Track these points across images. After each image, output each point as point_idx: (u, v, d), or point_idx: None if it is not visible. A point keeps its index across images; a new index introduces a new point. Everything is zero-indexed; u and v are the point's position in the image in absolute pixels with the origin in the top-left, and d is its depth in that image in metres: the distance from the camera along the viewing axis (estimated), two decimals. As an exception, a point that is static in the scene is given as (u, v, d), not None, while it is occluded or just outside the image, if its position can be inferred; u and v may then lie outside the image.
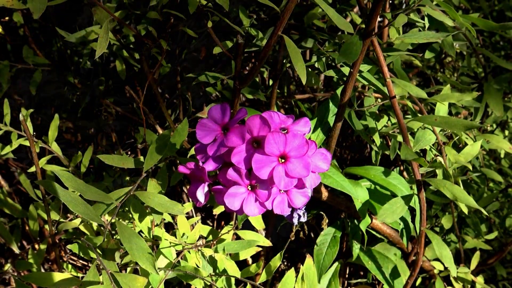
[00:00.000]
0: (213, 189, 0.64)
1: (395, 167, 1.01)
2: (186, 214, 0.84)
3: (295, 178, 0.59)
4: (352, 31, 0.64)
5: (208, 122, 0.62)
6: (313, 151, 0.62)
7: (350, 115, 0.86)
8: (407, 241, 0.87)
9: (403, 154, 0.73)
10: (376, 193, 0.86)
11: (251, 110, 0.80)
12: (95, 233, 0.83)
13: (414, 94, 0.74)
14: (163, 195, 0.68)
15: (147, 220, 0.71)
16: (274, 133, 0.58)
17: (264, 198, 0.61)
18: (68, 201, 0.58)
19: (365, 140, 0.88)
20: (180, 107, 0.93)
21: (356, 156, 1.17)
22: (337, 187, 0.78)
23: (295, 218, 0.67)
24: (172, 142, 0.69)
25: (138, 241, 0.60)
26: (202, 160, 0.63)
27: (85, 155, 0.88)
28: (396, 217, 0.76)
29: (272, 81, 0.92)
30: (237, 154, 0.59)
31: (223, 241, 0.79)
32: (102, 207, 0.64)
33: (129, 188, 0.67)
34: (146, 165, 0.68)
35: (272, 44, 0.66)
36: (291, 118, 0.63)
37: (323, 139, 0.80)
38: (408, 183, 0.87)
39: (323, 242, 0.91)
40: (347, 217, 0.93)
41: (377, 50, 0.70)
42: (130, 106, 1.08)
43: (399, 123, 0.75)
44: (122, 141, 1.12)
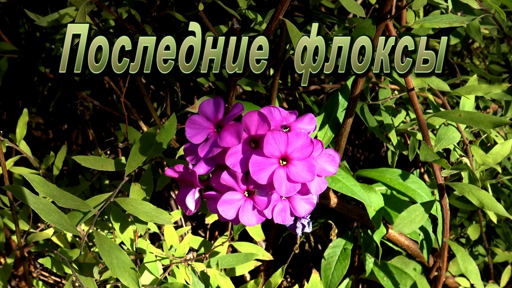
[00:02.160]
0: (205, 195, 0.65)
1: (415, 169, 1.02)
2: (174, 223, 0.85)
3: (298, 182, 0.60)
4: (363, 14, 0.65)
5: (199, 119, 0.63)
6: (319, 152, 0.63)
7: (363, 110, 0.88)
8: (428, 254, 0.89)
9: (423, 155, 0.74)
10: (393, 199, 0.88)
11: (249, 105, 0.81)
12: (69, 246, 0.84)
13: (435, 86, 0.75)
14: (148, 202, 0.70)
15: (129, 231, 0.73)
16: (275, 132, 0.59)
17: (263, 205, 0.62)
18: (39, 209, 0.59)
19: (380, 138, 0.89)
20: (167, 101, 0.94)
21: (370, 157, 1.18)
22: (347, 193, 0.79)
23: (298, 228, 0.69)
24: (158, 141, 0.71)
25: (120, 255, 0.61)
26: (193, 162, 0.64)
27: (58, 156, 0.89)
28: (415, 227, 0.77)
29: (273, 70, 0.93)
30: (233, 155, 0.61)
31: (216, 254, 0.81)
32: (78, 215, 0.66)
33: (109, 194, 0.69)
34: (129, 167, 0.70)
35: (273, 29, 0.67)
36: (294, 114, 0.64)
37: (331, 138, 0.81)
38: (429, 187, 0.88)
39: (332, 255, 0.92)
40: (360, 226, 0.94)
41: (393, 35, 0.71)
42: (109, 99, 1.09)
43: (418, 119, 0.76)
44: (101, 139, 1.13)
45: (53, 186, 0.62)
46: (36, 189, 0.61)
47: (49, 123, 1.17)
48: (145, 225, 0.70)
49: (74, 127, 1.14)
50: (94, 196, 0.69)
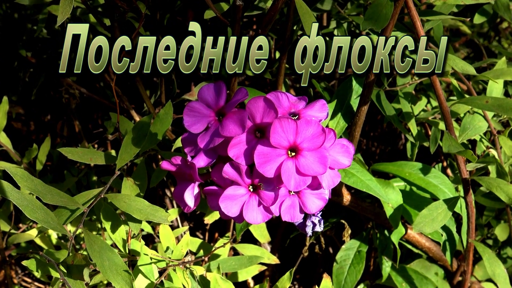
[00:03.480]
0: (205, 190, 0.65)
1: (437, 163, 1.02)
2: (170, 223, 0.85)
3: (309, 176, 0.60)
4: (380, -11, 0.65)
5: (199, 106, 0.64)
6: (331, 141, 0.63)
7: (379, 97, 0.88)
8: (451, 257, 0.89)
9: (446, 146, 0.74)
10: (412, 195, 0.88)
11: (253, 91, 0.81)
12: (54, 248, 0.85)
13: (460, 69, 0.75)
14: (142, 198, 0.70)
15: (121, 231, 0.73)
16: (282, 119, 0.59)
17: (270, 201, 0.62)
18: (23, 205, 0.59)
19: (398, 128, 0.89)
20: (162, 87, 0.94)
21: (387, 150, 1.18)
22: (362, 188, 0.79)
23: (308, 227, 0.69)
24: (152, 132, 0.71)
25: (112, 256, 0.62)
26: (191, 154, 0.64)
27: (41, 149, 0.90)
28: (437, 226, 0.78)
29: (279, 53, 0.93)
30: (236, 146, 0.61)
31: (217, 257, 0.81)
32: (66, 213, 0.66)
33: (99, 189, 0.69)
34: (120, 160, 0.70)
35: (279, 6, 0.67)
36: (303, 101, 0.64)
37: (344, 127, 0.81)
38: (452, 183, 0.88)
39: (345, 258, 0.93)
40: (375, 227, 0.95)
41: (413, 13, 0.71)
42: (98, 86, 1.09)
43: (441, 107, 0.76)
44: (88, 131, 1.14)
45: (38, 181, 0.63)
46: (19, 184, 0.61)
47: (31, 113, 1.17)
48: (139, 224, 0.70)
49: (59, 118, 1.15)
50: (83, 192, 0.69)
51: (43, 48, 1.03)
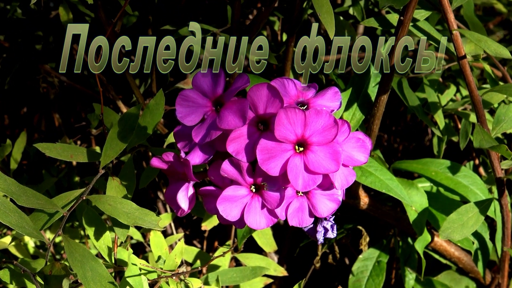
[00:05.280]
0: (201, 191, 0.65)
1: (467, 161, 1.02)
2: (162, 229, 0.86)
3: (319, 174, 0.61)
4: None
5: (194, 94, 0.64)
6: (345, 135, 0.63)
7: (401, 85, 0.88)
8: (484, 268, 0.89)
9: (478, 141, 0.74)
10: (439, 198, 0.88)
11: (256, 77, 0.82)
12: (31, 257, 0.86)
13: (493, 52, 0.75)
14: (130, 200, 0.70)
15: (106, 238, 0.73)
16: (289, 110, 0.59)
17: (275, 203, 0.62)
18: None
19: (423, 121, 0.90)
20: (153, 75, 0.95)
21: (411, 146, 1.19)
22: (381, 189, 0.79)
23: (319, 233, 0.69)
24: (141, 125, 0.71)
25: (95, 266, 0.62)
26: (185, 150, 0.64)
27: (16, 146, 0.90)
28: (468, 233, 0.78)
29: (286, 35, 0.94)
30: (236, 140, 0.61)
31: (216, 268, 0.82)
32: (44, 217, 0.67)
33: (81, 191, 0.70)
34: (105, 157, 0.70)
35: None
36: (313, 88, 0.64)
37: (361, 120, 0.81)
38: (485, 183, 0.88)
39: (362, 270, 0.93)
40: (397, 234, 0.95)
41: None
42: (80, 74, 1.10)
43: (471, 96, 0.76)
44: (69, 126, 1.14)
45: (12, 181, 0.63)
46: (-10, 185, 0.62)
47: (5, 105, 1.18)
48: (127, 230, 0.71)
49: (36, 110, 1.15)
50: (62, 194, 0.69)
51: (17, 30, 1.03)
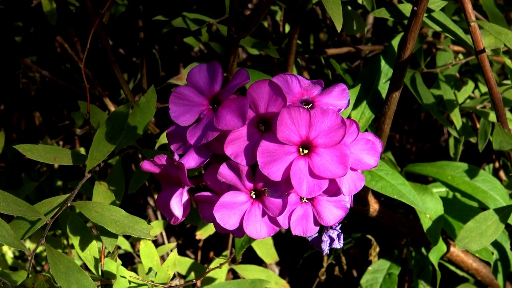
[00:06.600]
0: (196, 197, 0.66)
1: (487, 164, 1.03)
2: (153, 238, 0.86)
3: (325, 178, 0.61)
4: None
5: (189, 92, 0.64)
6: (353, 136, 0.64)
7: (414, 81, 0.88)
8: (504, 281, 0.90)
9: (497, 142, 0.75)
10: (456, 204, 0.89)
11: (256, 73, 0.82)
12: (9, 268, 0.86)
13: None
14: (118, 207, 0.71)
15: (93, 248, 0.74)
16: (292, 109, 0.60)
17: (277, 210, 0.63)
18: (-29, 216, 0.60)
19: (439, 120, 0.90)
20: (143, 70, 0.95)
21: (426, 147, 1.19)
22: (393, 195, 0.80)
23: (325, 243, 0.69)
24: (131, 125, 0.72)
25: (81, 278, 0.63)
26: (179, 152, 0.65)
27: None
28: (487, 242, 0.78)
29: (289, 26, 0.94)
30: (234, 142, 0.62)
31: (212, 281, 0.82)
32: (24, 225, 0.67)
33: (65, 196, 0.70)
34: (91, 160, 0.71)
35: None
36: (318, 85, 0.65)
37: (370, 119, 0.82)
38: (506, 188, 0.89)
39: (372, 283, 0.93)
40: (410, 243, 0.95)
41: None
42: (63, 69, 1.10)
43: (491, 93, 0.77)
44: (51, 125, 1.15)
45: (-11, 186, 0.64)
46: (-35, 189, 0.63)
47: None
48: (115, 239, 0.71)
49: (15, 108, 1.16)
50: (45, 200, 0.70)
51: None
